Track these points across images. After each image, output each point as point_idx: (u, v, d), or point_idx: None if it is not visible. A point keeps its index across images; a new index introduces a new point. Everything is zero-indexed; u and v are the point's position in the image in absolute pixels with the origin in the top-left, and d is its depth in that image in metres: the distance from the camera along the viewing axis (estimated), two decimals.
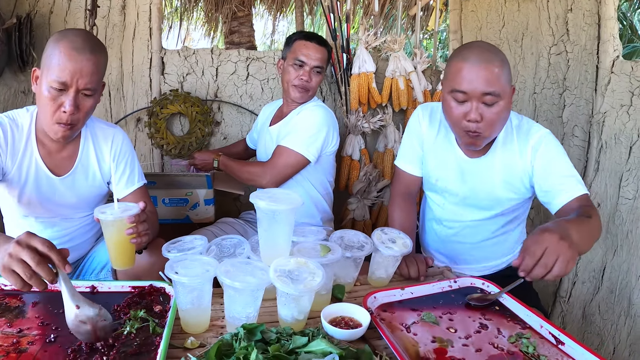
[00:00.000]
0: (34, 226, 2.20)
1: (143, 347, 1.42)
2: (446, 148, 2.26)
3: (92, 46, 1.89)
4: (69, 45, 1.85)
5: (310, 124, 2.73)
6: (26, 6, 3.47)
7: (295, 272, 1.57)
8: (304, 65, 2.73)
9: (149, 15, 3.57)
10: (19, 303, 1.65)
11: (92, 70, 1.89)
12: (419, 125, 2.37)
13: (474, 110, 1.93)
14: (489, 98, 1.91)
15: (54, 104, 1.89)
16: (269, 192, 1.77)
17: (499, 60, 1.93)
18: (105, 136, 2.22)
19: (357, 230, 2.08)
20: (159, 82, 3.56)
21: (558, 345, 1.56)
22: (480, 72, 1.90)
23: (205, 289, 1.55)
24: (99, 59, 1.93)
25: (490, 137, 2.04)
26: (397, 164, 2.49)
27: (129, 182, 2.27)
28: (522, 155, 2.10)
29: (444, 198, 2.34)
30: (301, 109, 2.83)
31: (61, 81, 1.85)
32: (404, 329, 1.62)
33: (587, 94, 3.30)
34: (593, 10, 3.30)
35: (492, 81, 1.89)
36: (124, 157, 2.25)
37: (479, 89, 1.90)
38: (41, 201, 2.13)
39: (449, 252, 2.44)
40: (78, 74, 1.85)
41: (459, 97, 1.96)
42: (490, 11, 3.76)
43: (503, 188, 2.16)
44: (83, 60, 1.85)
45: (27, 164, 2.07)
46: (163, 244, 2.21)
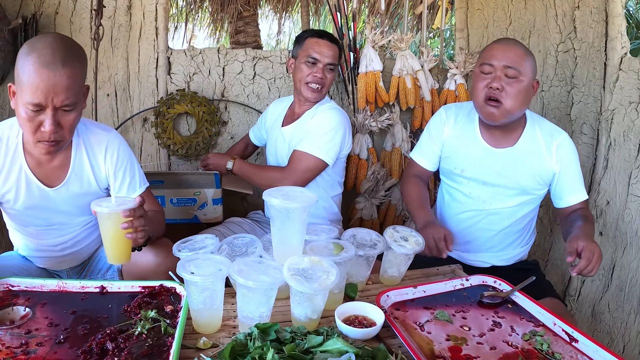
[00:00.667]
0: (35, 234, 2.18)
1: (155, 347, 1.41)
2: (472, 140, 2.41)
3: (63, 57, 1.73)
4: (38, 61, 1.70)
5: (328, 128, 2.71)
6: (31, 7, 3.46)
7: (309, 270, 1.56)
8: (317, 63, 2.71)
9: (155, 15, 3.56)
10: (27, 304, 1.64)
11: (67, 85, 1.74)
12: (441, 128, 2.52)
13: (496, 79, 2.18)
14: (511, 71, 2.16)
15: (32, 124, 1.77)
16: (282, 190, 1.76)
17: (526, 50, 2.23)
18: (99, 143, 2.10)
19: None
20: (166, 82, 3.55)
21: (572, 343, 1.56)
22: (507, 50, 2.20)
23: (218, 289, 1.55)
24: (73, 69, 1.77)
25: (509, 112, 2.20)
26: (413, 156, 2.65)
27: (131, 189, 2.18)
28: (548, 150, 2.32)
29: (470, 187, 2.43)
30: (316, 110, 2.80)
31: (35, 102, 1.72)
32: (418, 327, 1.62)
33: (595, 91, 3.29)
34: (600, 8, 3.28)
35: (516, 59, 2.17)
36: (122, 165, 2.14)
37: (503, 62, 2.17)
38: (36, 212, 2.08)
39: (470, 241, 2.49)
40: (52, 93, 1.72)
41: (485, 69, 2.23)
42: (496, 9, 3.75)
43: (531, 176, 2.34)
44: (55, 77, 1.71)
45: (16, 177, 1.99)
46: (170, 244, 2.22)
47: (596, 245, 2.00)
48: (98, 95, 3.47)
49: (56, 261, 2.28)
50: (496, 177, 2.35)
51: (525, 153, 2.33)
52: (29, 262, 2.29)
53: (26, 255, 2.29)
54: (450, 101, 3.49)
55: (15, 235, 2.27)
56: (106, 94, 3.58)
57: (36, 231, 2.17)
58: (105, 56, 3.54)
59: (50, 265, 2.30)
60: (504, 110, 2.20)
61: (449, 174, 2.52)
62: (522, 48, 2.23)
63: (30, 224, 2.14)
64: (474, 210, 2.45)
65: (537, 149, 2.32)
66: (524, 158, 2.33)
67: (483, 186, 2.39)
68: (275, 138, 2.96)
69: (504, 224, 2.43)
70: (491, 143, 2.37)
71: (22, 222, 2.14)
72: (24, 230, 2.18)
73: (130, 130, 3.61)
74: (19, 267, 2.20)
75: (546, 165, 2.32)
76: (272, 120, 3.07)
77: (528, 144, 2.34)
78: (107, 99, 3.58)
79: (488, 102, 2.22)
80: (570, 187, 2.34)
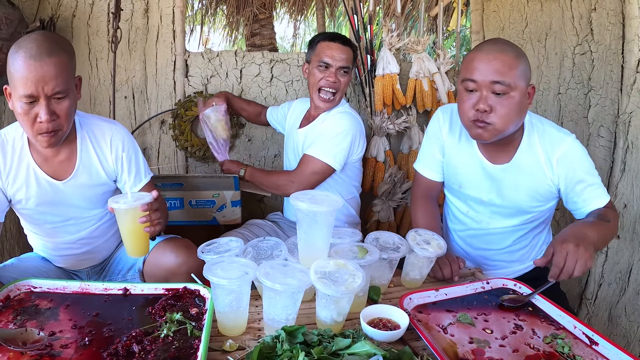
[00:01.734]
0: (51, 232, 2.21)
1: (182, 350, 1.41)
2: (469, 153, 2.22)
3: (48, 48, 1.81)
4: (24, 55, 1.77)
5: (336, 132, 2.70)
6: (49, 10, 3.49)
7: (335, 273, 1.57)
8: (330, 67, 2.69)
9: (172, 18, 3.58)
10: (50, 305, 1.65)
11: (56, 73, 1.81)
12: (439, 130, 2.33)
13: (482, 100, 1.92)
14: (499, 87, 1.88)
15: (29, 117, 1.84)
16: (309, 194, 1.77)
17: (514, 53, 1.91)
18: (104, 135, 2.16)
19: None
20: (183, 84, 3.57)
21: (592, 346, 1.56)
22: (491, 61, 1.89)
23: (244, 291, 1.56)
24: (60, 58, 1.83)
25: (500, 132, 1.97)
26: (416, 167, 2.47)
27: (137, 179, 2.27)
28: (548, 164, 2.08)
29: (467, 206, 2.32)
30: (327, 114, 2.81)
31: (27, 94, 1.79)
32: (441, 330, 1.62)
33: (613, 94, 3.28)
34: (617, 10, 3.27)
35: (503, 71, 1.87)
36: (129, 156, 2.21)
37: (488, 77, 1.88)
38: (49, 208, 2.12)
39: (475, 258, 2.41)
40: (42, 82, 1.79)
41: (469, 85, 1.95)
42: (512, 11, 3.74)
43: (529, 197, 2.15)
44: (42, 67, 1.78)
45: (25, 175, 2.04)
46: (191, 245, 2.27)
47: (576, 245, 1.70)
48: (116, 97, 3.49)
49: (75, 259, 2.31)
50: (493, 196, 2.20)
51: (522, 169, 2.11)
52: (49, 263, 2.32)
53: (45, 255, 2.32)
54: None
55: (33, 237, 2.30)
56: (124, 96, 3.60)
57: (52, 229, 2.20)
58: (122, 59, 3.56)
59: (69, 265, 2.33)
60: (494, 130, 1.96)
61: (449, 187, 2.39)
62: (510, 52, 1.91)
63: (45, 222, 2.17)
64: (473, 230, 2.35)
65: (535, 163, 2.09)
66: (521, 175, 2.11)
67: (480, 205, 2.26)
68: (292, 139, 2.98)
69: (504, 243, 2.31)
70: (488, 157, 2.17)
71: (37, 220, 2.17)
72: (40, 230, 2.21)
73: (147, 133, 3.63)
74: (38, 269, 2.23)
75: (546, 181, 2.10)
76: (292, 119, 3.06)
77: (525, 158, 2.10)
78: (125, 101, 3.60)
79: (475, 124, 1.98)
80: (582, 198, 2.06)
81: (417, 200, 2.46)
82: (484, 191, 2.21)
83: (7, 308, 1.62)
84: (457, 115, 2.17)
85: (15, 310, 1.61)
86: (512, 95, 1.90)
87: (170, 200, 3.07)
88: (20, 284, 1.73)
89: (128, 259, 2.36)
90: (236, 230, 2.87)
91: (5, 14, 3.04)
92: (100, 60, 3.56)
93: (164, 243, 2.28)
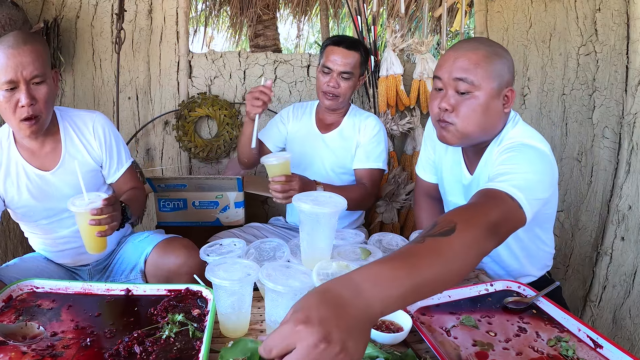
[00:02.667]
0: (48, 228, 2.23)
1: (183, 351, 1.40)
2: (455, 161, 2.12)
3: (24, 39, 1.92)
4: (4, 46, 1.88)
5: (381, 139, 2.79)
6: (52, 11, 3.51)
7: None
8: (331, 72, 2.67)
9: (175, 19, 3.59)
10: (52, 305, 1.65)
11: (33, 58, 1.91)
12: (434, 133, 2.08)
13: (445, 97, 1.80)
14: (462, 85, 1.76)
15: (10, 104, 1.92)
16: (311, 195, 1.76)
17: (485, 52, 1.77)
18: (85, 123, 2.24)
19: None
20: (187, 85, 3.58)
21: (596, 349, 1.55)
22: (458, 58, 1.78)
23: (246, 293, 1.55)
24: (36, 47, 1.94)
25: (463, 134, 1.83)
26: (417, 171, 2.47)
27: (119, 164, 2.34)
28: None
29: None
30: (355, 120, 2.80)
31: (7, 80, 1.88)
32: (444, 332, 1.61)
33: (617, 94, 3.27)
34: (622, 10, 3.26)
35: (467, 68, 1.75)
36: (111, 142, 2.29)
37: (452, 74, 1.77)
38: (41, 201, 2.14)
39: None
40: (20, 67, 1.88)
41: (437, 84, 1.85)
42: (516, 12, 3.74)
43: None
44: (20, 54, 1.88)
45: (14, 170, 2.10)
46: (192, 246, 2.27)
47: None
48: (120, 98, 3.49)
49: (74, 254, 2.31)
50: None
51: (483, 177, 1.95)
52: (52, 263, 2.33)
53: (45, 253, 2.34)
54: None
55: (32, 237, 2.32)
56: (127, 97, 3.61)
57: (48, 224, 2.22)
58: (126, 60, 3.58)
59: (70, 261, 2.34)
60: (456, 132, 1.83)
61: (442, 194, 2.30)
62: (482, 50, 1.77)
63: (40, 217, 2.19)
64: None
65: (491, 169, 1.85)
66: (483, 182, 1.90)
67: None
68: (314, 143, 2.86)
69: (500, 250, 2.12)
70: (468, 164, 2.05)
71: (32, 217, 2.19)
72: (38, 228, 2.23)
73: (151, 133, 3.64)
74: (41, 269, 2.23)
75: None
76: (297, 124, 2.94)
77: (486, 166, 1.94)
78: (129, 102, 3.62)
79: (439, 124, 1.87)
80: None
81: (419, 200, 2.47)
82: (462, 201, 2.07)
83: (9, 308, 1.62)
84: None
85: (17, 310, 1.61)
86: (477, 95, 1.76)
87: (173, 201, 3.08)
88: (23, 284, 1.73)
89: (130, 260, 2.36)
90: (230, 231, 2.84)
91: (9, 14, 3.05)
92: (104, 61, 3.57)
93: (164, 243, 2.30)
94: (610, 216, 3.26)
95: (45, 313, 1.60)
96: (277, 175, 2.26)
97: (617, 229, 3.21)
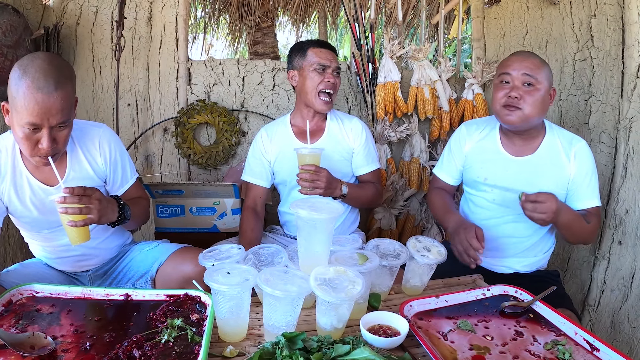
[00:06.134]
0: (49, 237, 2.23)
1: (182, 355, 1.41)
2: (493, 151, 2.48)
3: (55, 80, 1.83)
4: (32, 85, 1.79)
5: (370, 138, 2.85)
6: (53, 17, 3.52)
7: (335, 280, 1.58)
8: (327, 68, 2.70)
9: (175, 26, 3.60)
10: (51, 310, 1.66)
11: (62, 106, 1.85)
12: (461, 143, 2.60)
13: (514, 89, 2.28)
14: (528, 79, 2.27)
15: (31, 142, 1.87)
16: (309, 202, 1.78)
17: (540, 59, 2.32)
18: (92, 138, 2.21)
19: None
20: (186, 92, 3.59)
21: (593, 352, 1.56)
22: (523, 60, 2.30)
23: (245, 298, 1.57)
24: (66, 90, 1.87)
25: (527, 117, 2.28)
26: (435, 172, 2.74)
27: (123, 180, 2.33)
28: (567, 157, 2.36)
29: (493, 194, 2.47)
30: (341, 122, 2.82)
31: (32, 122, 1.81)
32: (441, 336, 1.63)
33: (613, 99, 3.29)
34: (617, 16, 3.29)
35: (533, 68, 2.27)
36: (116, 158, 2.27)
37: (521, 71, 2.28)
38: (44, 214, 2.13)
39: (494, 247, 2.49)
40: (48, 114, 1.82)
41: (505, 78, 2.33)
42: (513, 18, 3.76)
43: (551, 183, 2.36)
44: (50, 100, 1.81)
45: (19, 182, 2.08)
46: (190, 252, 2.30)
47: (554, 213, 2.07)
48: (119, 105, 3.50)
49: (74, 261, 2.33)
50: (518, 183, 2.37)
51: (545, 160, 2.37)
52: (52, 269, 2.34)
53: (46, 260, 2.34)
54: (468, 111, 3.51)
55: (33, 244, 2.33)
56: (127, 103, 3.62)
57: (49, 233, 2.22)
58: (126, 67, 3.59)
59: (69, 268, 2.35)
60: (523, 116, 2.28)
61: (473, 183, 2.56)
62: (538, 59, 2.32)
63: (42, 228, 2.19)
64: (497, 218, 2.47)
65: (556, 156, 2.37)
66: (544, 165, 2.37)
67: (506, 192, 2.42)
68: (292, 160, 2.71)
69: (527, 230, 2.44)
70: (512, 152, 2.43)
71: (35, 227, 2.19)
72: (39, 236, 2.23)
73: (150, 140, 3.65)
74: (41, 274, 2.24)
75: (565, 172, 2.35)
76: (276, 146, 2.84)
77: (548, 151, 2.38)
78: (128, 108, 3.63)
79: (507, 108, 2.31)
80: (580, 195, 2.35)
81: (433, 190, 2.73)
82: (509, 179, 2.42)
83: (9, 312, 1.63)
84: (481, 125, 2.59)
85: (17, 314, 1.62)
86: (539, 88, 2.27)
87: (171, 207, 3.09)
88: (23, 289, 1.74)
89: (139, 267, 2.37)
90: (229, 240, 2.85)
91: (9, 21, 3.06)
92: (103, 67, 3.58)
93: (181, 252, 2.34)
94: (608, 220, 3.27)
95: (45, 317, 1.61)
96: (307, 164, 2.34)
97: (615, 233, 3.22)
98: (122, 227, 2.42)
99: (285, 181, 2.83)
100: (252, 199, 2.84)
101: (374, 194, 2.78)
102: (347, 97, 3.71)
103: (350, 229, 2.90)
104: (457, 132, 2.67)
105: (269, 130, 2.87)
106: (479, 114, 3.45)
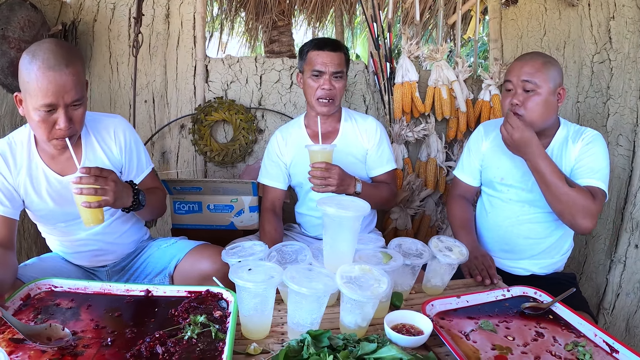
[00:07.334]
0: (65, 231, 2.24)
1: (206, 352, 1.41)
2: (508, 151, 2.41)
3: (65, 58, 1.85)
4: (43, 66, 1.81)
5: (386, 138, 2.82)
6: (70, 14, 3.55)
7: (361, 278, 1.59)
8: (323, 75, 2.62)
9: (192, 23, 3.62)
10: (71, 305, 1.67)
11: (75, 82, 1.87)
12: (479, 143, 2.64)
13: (515, 95, 2.30)
14: (528, 85, 2.27)
15: (47, 124, 1.89)
16: (335, 199, 1.79)
17: (542, 60, 2.31)
18: (107, 128, 2.22)
19: None
20: (203, 89, 3.61)
21: (612, 354, 1.57)
22: (522, 65, 2.30)
23: (269, 295, 1.57)
24: (77, 67, 1.89)
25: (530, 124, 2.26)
26: (456, 173, 2.76)
27: (139, 169, 2.33)
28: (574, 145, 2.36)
29: (510, 194, 2.49)
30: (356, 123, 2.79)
31: (47, 103, 1.83)
32: (463, 336, 1.63)
33: (632, 102, 3.27)
34: (635, 18, 3.27)
35: (531, 72, 2.27)
36: (131, 147, 2.28)
37: (520, 77, 2.29)
38: (60, 205, 2.14)
39: (511, 248, 2.52)
40: (62, 91, 1.84)
41: (507, 85, 2.36)
42: (530, 19, 3.75)
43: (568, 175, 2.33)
44: (62, 77, 1.83)
45: (35, 174, 2.09)
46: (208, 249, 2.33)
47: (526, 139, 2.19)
48: (136, 101, 3.52)
49: (91, 256, 2.34)
50: (533, 182, 2.36)
51: (557, 157, 2.37)
52: (70, 264, 2.35)
53: (63, 254, 2.35)
54: (485, 112, 3.51)
55: (50, 238, 2.34)
56: (144, 100, 3.64)
57: (65, 227, 2.23)
58: (143, 63, 3.61)
59: (86, 263, 2.36)
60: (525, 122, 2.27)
61: (490, 183, 2.58)
62: (540, 59, 2.30)
63: (58, 221, 2.20)
64: (514, 218, 2.47)
65: (567, 151, 2.36)
66: (556, 161, 2.32)
67: (522, 192, 2.44)
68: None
69: (544, 231, 2.45)
70: None
71: (50, 220, 2.20)
72: (55, 230, 2.25)
73: (167, 137, 3.67)
74: (59, 269, 2.25)
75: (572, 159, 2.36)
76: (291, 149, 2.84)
77: (559, 147, 2.39)
78: (145, 105, 3.64)
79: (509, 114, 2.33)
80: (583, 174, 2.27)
81: (454, 198, 2.75)
82: (525, 179, 2.43)
83: (28, 306, 1.64)
84: (496, 127, 2.56)
85: (35, 309, 1.63)
86: (539, 92, 2.26)
87: (188, 204, 3.10)
88: (41, 283, 1.75)
89: (156, 264, 2.39)
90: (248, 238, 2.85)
91: (28, 16, 3.09)
92: (121, 64, 3.60)
93: (200, 249, 2.35)
94: (624, 224, 3.26)
95: (64, 312, 1.62)
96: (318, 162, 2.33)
97: (631, 236, 3.21)
98: (138, 220, 2.44)
99: (301, 183, 2.82)
100: (270, 201, 2.83)
101: (388, 195, 2.74)
102: (364, 96, 3.71)
103: (368, 228, 2.89)
104: (475, 132, 2.71)
105: (284, 133, 2.86)
106: (495, 115, 3.45)
